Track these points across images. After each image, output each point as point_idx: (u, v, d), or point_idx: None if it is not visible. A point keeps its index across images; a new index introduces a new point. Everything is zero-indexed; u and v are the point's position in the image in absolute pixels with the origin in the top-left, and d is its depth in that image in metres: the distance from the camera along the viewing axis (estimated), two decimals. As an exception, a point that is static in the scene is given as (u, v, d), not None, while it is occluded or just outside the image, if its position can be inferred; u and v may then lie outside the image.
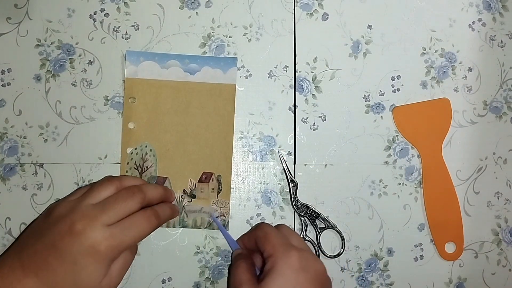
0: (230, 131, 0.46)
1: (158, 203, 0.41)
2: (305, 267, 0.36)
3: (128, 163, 0.45)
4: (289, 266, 0.36)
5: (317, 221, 0.45)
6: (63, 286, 0.35)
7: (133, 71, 0.45)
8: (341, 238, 0.45)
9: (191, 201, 0.45)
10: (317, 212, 0.45)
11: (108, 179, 0.40)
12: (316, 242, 0.45)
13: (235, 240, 0.44)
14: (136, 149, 0.45)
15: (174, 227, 0.44)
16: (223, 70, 0.46)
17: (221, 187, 0.45)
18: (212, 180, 0.45)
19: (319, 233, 0.45)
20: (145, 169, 0.45)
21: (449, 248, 0.46)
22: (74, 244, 0.35)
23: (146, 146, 0.45)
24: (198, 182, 0.45)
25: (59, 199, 0.43)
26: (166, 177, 0.45)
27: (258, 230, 0.41)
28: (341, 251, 0.45)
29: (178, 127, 0.45)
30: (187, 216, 0.45)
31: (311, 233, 0.45)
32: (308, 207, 0.45)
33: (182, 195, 0.45)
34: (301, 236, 0.45)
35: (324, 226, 0.45)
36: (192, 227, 0.44)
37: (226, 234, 0.44)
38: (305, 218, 0.45)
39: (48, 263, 0.35)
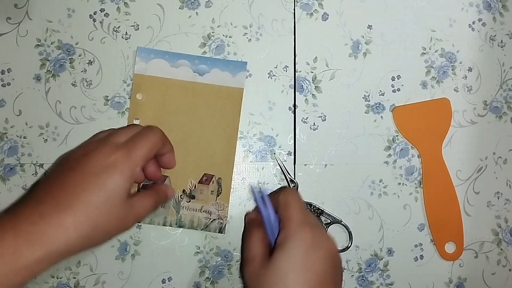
0: (234, 135, 0.46)
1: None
2: (318, 244, 0.36)
3: None
4: (302, 242, 0.36)
5: (322, 218, 0.45)
6: (96, 203, 0.34)
7: (142, 68, 0.45)
8: (348, 232, 0.45)
9: (190, 201, 0.45)
10: (321, 209, 0.45)
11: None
12: None
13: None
14: None
15: (171, 226, 0.44)
16: (232, 73, 0.46)
17: (221, 190, 0.45)
18: (213, 182, 0.45)
19: (325, 229, 0.45)
20: None
21: (449, 248, 0.46)
22: (91, 163, 0.35)
23: None
24: (198, 183, 0.45)
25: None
26: (167, 176, 0.45)
27: (282, 196, 0.40)
28: (349, 244, 0.45)
29: (183, 127, 0.45)
30: (184, 216, 0.45)
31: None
32: (311, 204, 0.45)
33: (181, 195, 0.45)
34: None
35: (330, 221, 0.45)
36: (188, 228, 0.44)
37: (264, 209, 0.39)
38: (309, 216, 0.45)
39: (77, 193, 0.34)
